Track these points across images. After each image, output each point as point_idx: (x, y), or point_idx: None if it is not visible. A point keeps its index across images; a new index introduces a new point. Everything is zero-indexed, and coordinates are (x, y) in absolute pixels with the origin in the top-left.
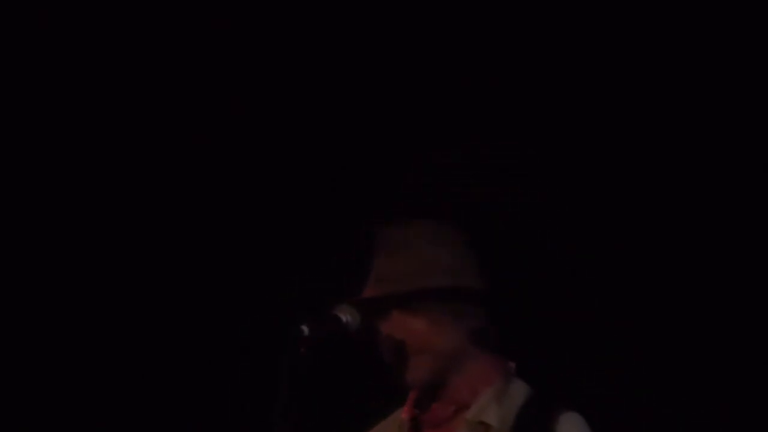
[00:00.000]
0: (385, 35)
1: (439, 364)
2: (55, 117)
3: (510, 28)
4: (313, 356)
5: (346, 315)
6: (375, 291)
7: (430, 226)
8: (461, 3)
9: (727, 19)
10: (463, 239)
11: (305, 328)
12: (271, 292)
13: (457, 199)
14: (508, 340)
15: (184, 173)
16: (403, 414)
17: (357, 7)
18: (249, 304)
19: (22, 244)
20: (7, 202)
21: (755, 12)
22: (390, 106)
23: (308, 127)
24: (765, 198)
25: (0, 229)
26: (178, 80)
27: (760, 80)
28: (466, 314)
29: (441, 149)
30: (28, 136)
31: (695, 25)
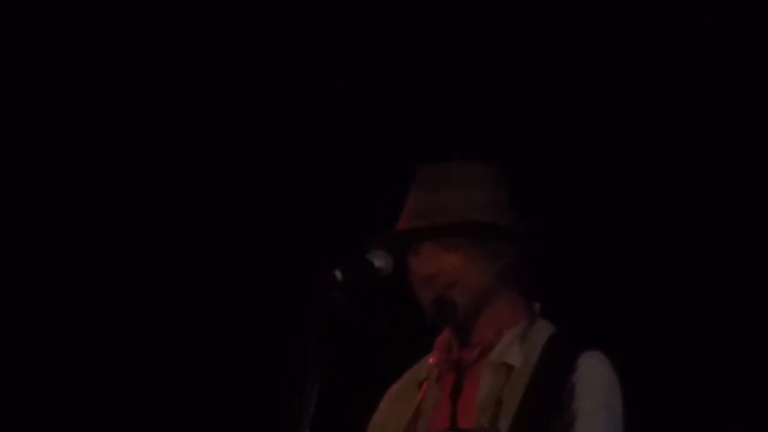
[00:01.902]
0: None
1: (469, 300)
2: (54, 117)
3: (526, 23)
4: (345, 300)
5: (380, 260)
6: (410, 225)
7: (471, 165)
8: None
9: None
10: (505, 180)
11: (338, 273)
12: (288, 301)
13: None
14: (539, 280)
15: (192, 179)
16: (431, 359)
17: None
18: (267, 314)
19: (23, 245)
20: (7, 202)
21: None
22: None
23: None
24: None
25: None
26: (183, 81)
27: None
28: (500, 253)
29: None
30: (27, 136)
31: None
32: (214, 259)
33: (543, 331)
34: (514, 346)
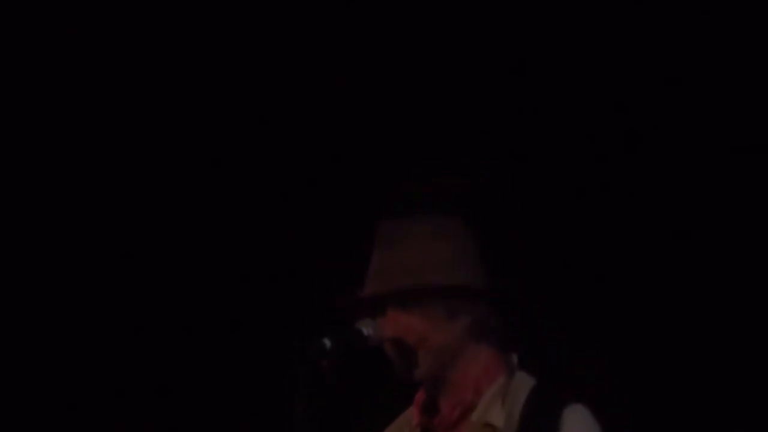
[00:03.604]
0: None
1: (436, 360)
2: (55, 117)
3: (526, 23)
4: (334, 369)
5: (368, 328)
6: (371, 288)
7: (431, 219)
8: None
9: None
10: (466, 233)
11: (327, 342)
12: (288, 301)
13: (461, 191)
14: (512, 331)
15: (192, 179)
16: (413, 416)
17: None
18: (267, 314)
19: (23, 244)
20: (7, 202)
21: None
22: (392, 102)
23: (310, 121)
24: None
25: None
26: (183, 81)
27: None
28: (462, 310)
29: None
30: (28, 135)
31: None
32: (214, 259)
33: (523, 385)
34: (496, 404)
